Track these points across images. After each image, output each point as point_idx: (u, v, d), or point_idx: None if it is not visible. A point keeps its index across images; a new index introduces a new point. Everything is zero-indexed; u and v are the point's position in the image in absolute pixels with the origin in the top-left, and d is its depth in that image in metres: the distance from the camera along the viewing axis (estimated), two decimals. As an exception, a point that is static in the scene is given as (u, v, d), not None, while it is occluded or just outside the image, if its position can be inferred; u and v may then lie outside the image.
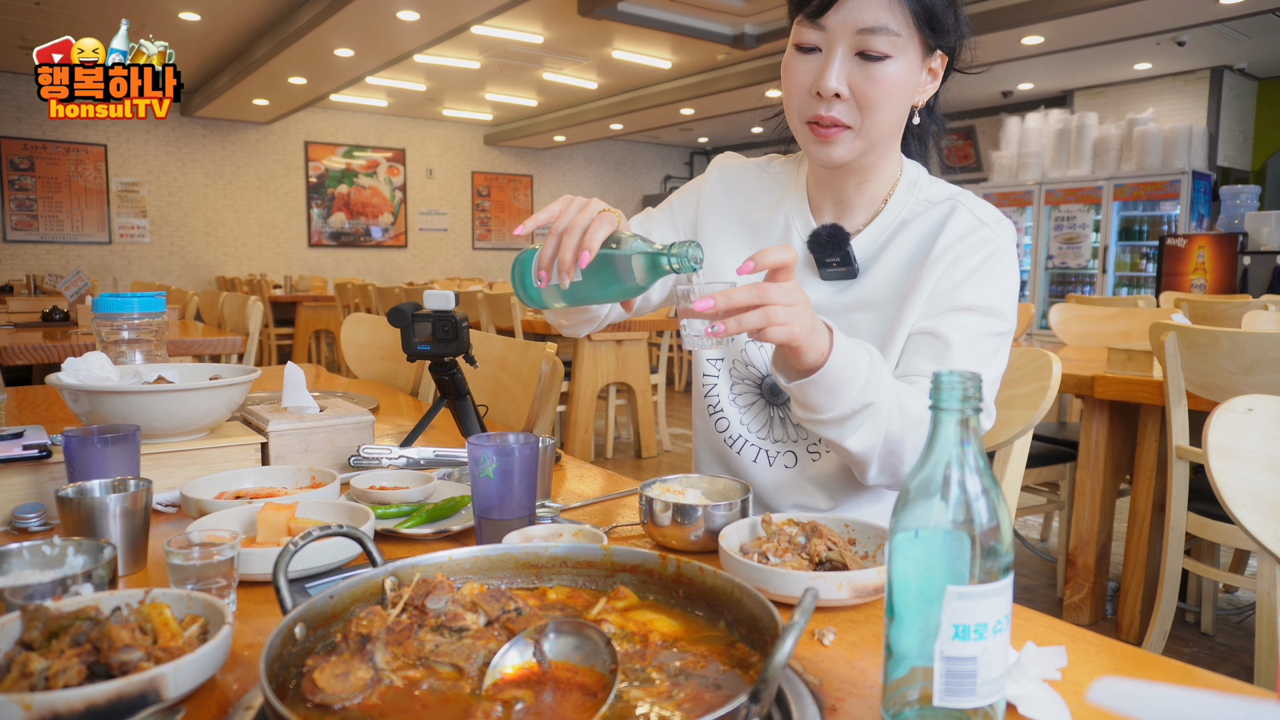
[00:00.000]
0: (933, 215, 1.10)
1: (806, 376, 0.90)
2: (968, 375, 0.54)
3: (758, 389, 1.19)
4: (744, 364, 1.19)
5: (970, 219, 1.08)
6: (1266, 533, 1.07)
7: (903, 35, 0.99)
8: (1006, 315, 1.06)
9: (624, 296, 0.94)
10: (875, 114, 1.01)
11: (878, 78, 0.99)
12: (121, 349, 1.51)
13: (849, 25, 0.98)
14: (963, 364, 1.03)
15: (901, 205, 1.13)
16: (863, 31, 0.97)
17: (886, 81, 0.99)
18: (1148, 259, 7.91)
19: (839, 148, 1.04)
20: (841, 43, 0.99)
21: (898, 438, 0.96)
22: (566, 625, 0.62)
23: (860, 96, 1.00)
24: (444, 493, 1.10)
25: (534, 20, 7.03)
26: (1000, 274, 1.06)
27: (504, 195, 12.47)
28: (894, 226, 1.12)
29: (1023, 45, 6.75)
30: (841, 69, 0.99)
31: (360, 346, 2.57)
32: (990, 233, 1.06)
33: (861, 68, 0.99)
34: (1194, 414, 2.07)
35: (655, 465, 4.81)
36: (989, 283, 1.05)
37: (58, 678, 0.57)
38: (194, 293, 5.12)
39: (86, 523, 0.85)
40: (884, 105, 1.01)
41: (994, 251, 1.06)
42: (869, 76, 0.99)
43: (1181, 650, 2.50)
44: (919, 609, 0.54)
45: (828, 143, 1.03)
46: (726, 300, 0.82)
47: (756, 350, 1.18)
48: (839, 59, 0.99)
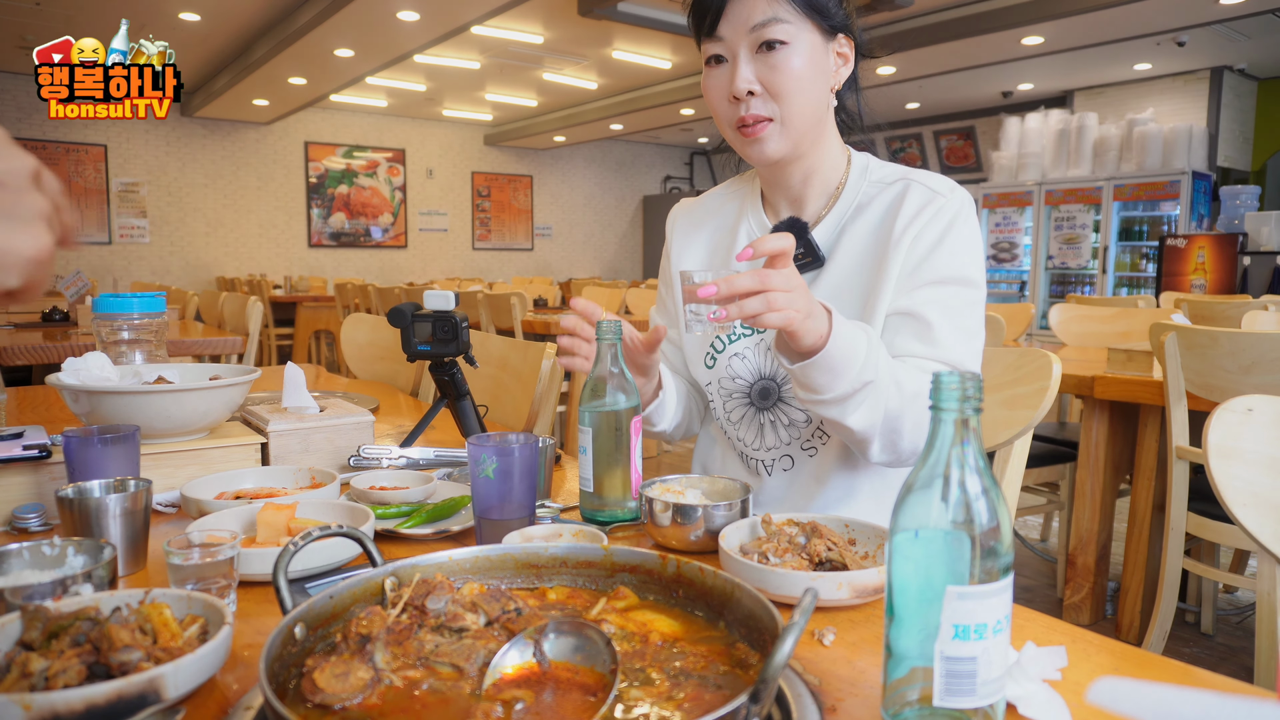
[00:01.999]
0: (887, 195, 1.14)
1: (808, 359, 0.93)
2: (968, 375, 0.54)
3: (747, 398, 1.21)
4: (730, 378, 1.22)
5: (924, 191, 1.11)
6: (1266, 533, 1.07)
7: (793, 22, 1.05)
8: (978, 281, 1.10)
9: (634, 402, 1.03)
10: (790, 100, 1.06)
11: (781, 65, 1.05)
12: (121, 349, 1.51)
13: (741, 28, 1.05)
14: (949, 340, 1.06)
15: (856, 190, 1.17)
16: (755, 29, 1.04)
17: (790, 68, 1.05)
18: (1148, 259, 7.91)
19: (768, 143, 1.09)
20: (742, 45, 1.06)
21: (896, 414, 0.99)
22: (566, 625, 0.62)
23: (771, 87, 1.06)
24: (444, 493, 1.10)
25: (534, 20, 7.03)
26: (964, 240, 1.09)
27: (504, 195, 12.46)
28: (851, 211, 1.16)
29: (1023, 45, 6.75)
30: (748, 68, 1.06)
31: (360, 347, 2.57)
32: (945, 201, 1.09)
33: (765, 60, 1.06)
34: (1194, 414, 2.07)
35: (655, 465, 4.81)
36: (955, 251, 1.08)
37: (58, 678, 0.57)
38: (194, 293, 5.12)
39: (86, 523, 0.85)
40: (796, 91, 1.06)
41: (954, 218, 1.09)
42: (773, 66, 1.05)
43: (1181, 650, 2.50)
44: (919, 609, 0.54)
45: (756, 140, 1.09)
46: (729, 285, 0.86)
47: (741, 363, 1.21)
48: (743, 60, 1.06)
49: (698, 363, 1.26)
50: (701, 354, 1.25)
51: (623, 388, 1.02)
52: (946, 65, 7.50)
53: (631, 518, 1.04)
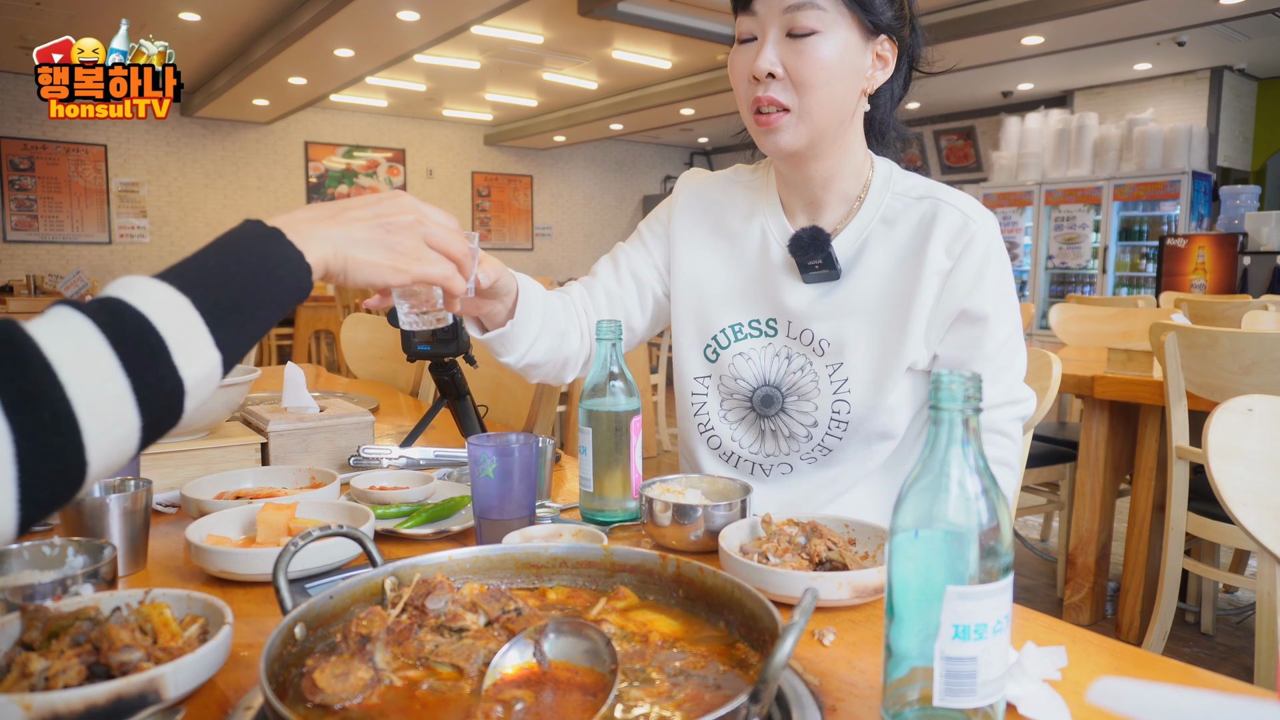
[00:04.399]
0: (913, 213, 1.10)
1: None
2: (968, 376, 0.54)
3: (748, 402, 1.18)
4: (733, 378, 1.18)
5: (957, 215, 1.07)
6: (1266, 533, 1.07)
7: (829, 11, 1.01)
8: (1016, 304, 1.11)
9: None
10: (811, 93, 1.02)
11: (808, 53, 1.01)
12: (121, 349, 1.50)
13: (776, 6, 1.01)
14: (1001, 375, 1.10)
15: (879, 201, 1.13)
16: (789, 10, 1.00)
17: (817, 57, 1.01)
18: (1148, 259, 7.91)
19: (783, 134, 1.04)
20: (773, 25, 1.02)
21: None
22: (566, 625, 0.62)
23: (794, 74, 1.02)
24: (444, 493, 1.10)
25: (534, 20, 7.02)
26: (1001, 270, 1.08)
27: (504, 195, 12.46)
28: (874, 223, 1.12)
29: (1023, 45, 6.74)
30: (773, 50, 1.02)
31: (360, 346, 2.57)
32: (979, 228, 1.07)
33: (792, 46, 1.01)
34: (1194, 414, 2.07)
35: (655, 465, 4.81)
36: (995, 283, 1.07)
37: (58, 678, 0.57)
38: (194, 293, 5.11)
39: (86, 523, 0.85)
40: (818, 83, 1.02)
41: (988, 247, 1.07)
42: (799, 53, 1.01)
43: (1181, 650, 2.50)
44: (919, 609, 0.54)
45: (771, 130, 1.04)
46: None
47: (745, 363, 1.17)
48: (771, 41, 1.02)
49: (692, 349, 1.20)
50: (700, 343, 1.20)
51: (623, 388, 1.02)
52: (946, 65, 7.48)
53: (631, 518, 1.04)
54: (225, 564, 0.83)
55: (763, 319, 1.17)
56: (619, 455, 1.02)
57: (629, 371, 1.04)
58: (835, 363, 1.11)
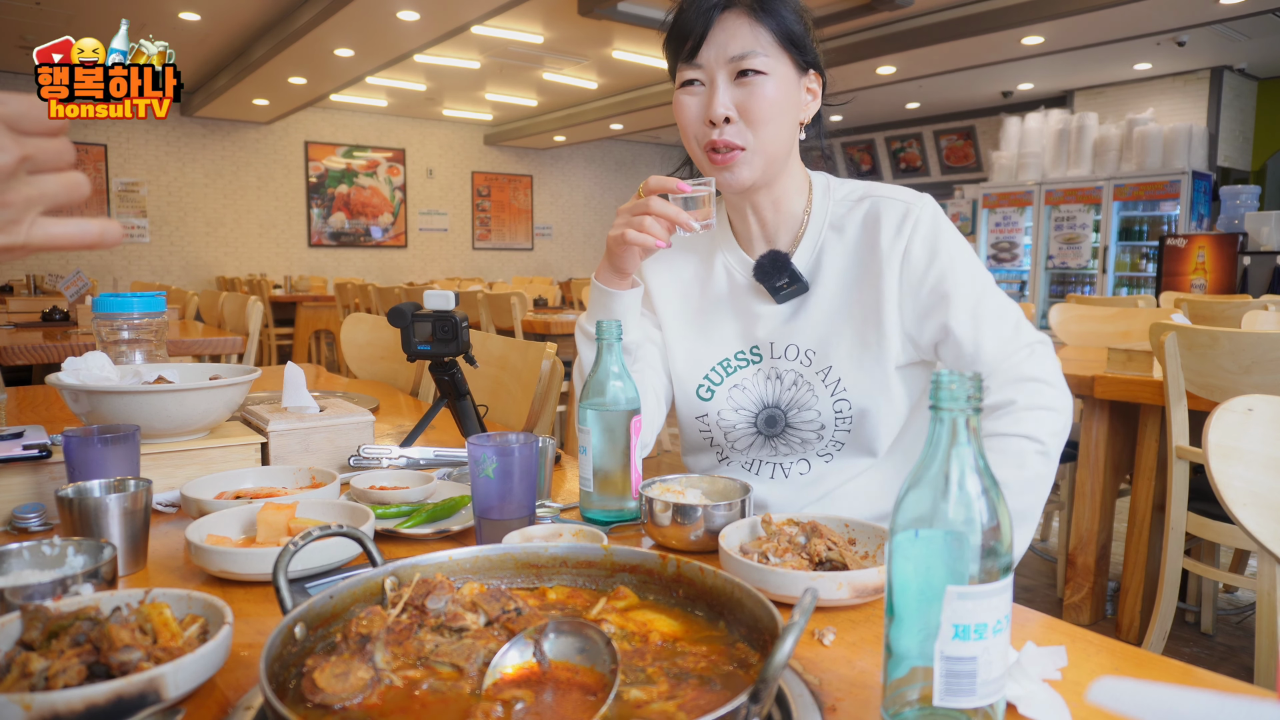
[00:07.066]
0: (857, 214, 1.17)
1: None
2: (969, 376, 0.54)
3: (752, 427, 1.22)
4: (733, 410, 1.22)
5: (896, 205, 1.14)
6: (1266, 533, 1.07)
7: (771, 55, 1.08)
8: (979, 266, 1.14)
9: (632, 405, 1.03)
10: (764, 129, 1.09)
11: (758, 94, 1.07)
12: (121, 349, 1.51)
13: (722, 56, 1.07)
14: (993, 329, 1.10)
15: (823, 210, 1.19)
16: (735, 59, 1.07)
17: (767, 96, 1.08)
18: (1148, 259, 7.91)
19: (740, 170, 1.11)
20: (720, 72, 1.08)
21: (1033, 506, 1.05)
22: (566, 625, 0.62)
23: (746, 115, 1.08)
24: (444, 493, 1.10)
25: (534, 20, 7.03)
26: (951, 238, 1.13)
27: (504, 195, 12.46)
28: (825, 231, 1.18)
29: (1023, 45, 6.75)
30: (725, 94, 1.08)
31: (360, 346, 2.57)
32: (919, 211, 1.13)
33: (743, 89, 1.08)
34: (1194, 414, 2.07)
35: (655, 465, 4.81)
36: (950, 251, 1.12)
37: (58, 678, 0.57)
38: (194, 293, 5.12)
39: (86, 523, 0.85)
40: (770, 120, 1.09)
41: (933, 223, 1.12)
42: (750, 94, 1.07)
43: (1181, 650, 2.50)
44: (919, 609, 0.54)
45: (728, 167, 1.11)
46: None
47: (742, 394, 1.21)
48: (721, 86, 1.08)
49: (688, 393, 1.24)
50: (694, 384, 1.23)
51: (623, 388, 1.02)
52: (946, 65, 7.50)
53: (631, 518, 1.04)
54: (225, 564, 0.83)
55: (746, 349, 1.22)
56: (619, 455, 1.02)
57: (629, 372, 1.04)
58: (824, 367, 1.16)
